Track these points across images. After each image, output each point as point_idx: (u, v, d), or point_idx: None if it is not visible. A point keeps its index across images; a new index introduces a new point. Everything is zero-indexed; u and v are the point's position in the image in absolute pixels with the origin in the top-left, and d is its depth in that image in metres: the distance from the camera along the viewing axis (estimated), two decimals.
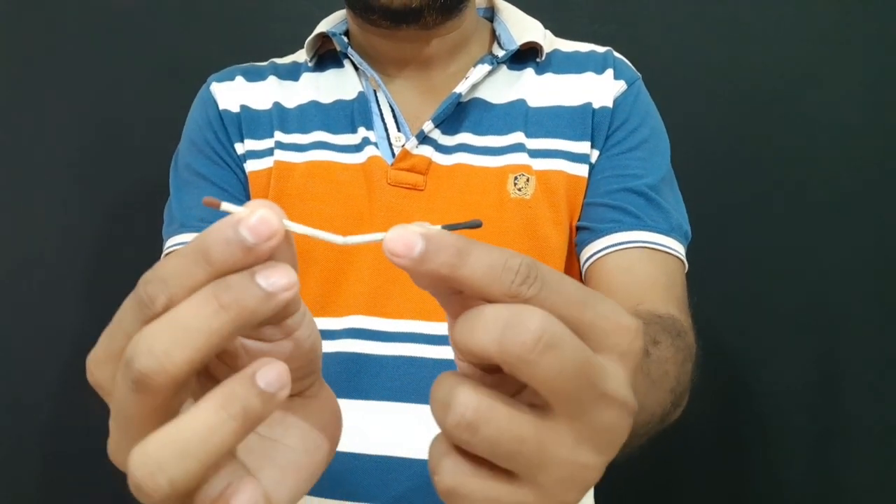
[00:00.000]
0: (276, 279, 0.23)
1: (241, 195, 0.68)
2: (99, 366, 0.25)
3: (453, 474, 0.25)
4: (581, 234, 0.65)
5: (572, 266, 0.67)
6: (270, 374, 0.24)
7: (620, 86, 0.68)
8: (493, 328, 0.23)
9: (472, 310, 0.24)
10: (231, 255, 0.23)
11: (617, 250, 0.62)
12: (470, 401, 0.23)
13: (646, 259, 0.62)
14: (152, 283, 0.23)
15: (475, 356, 0.24)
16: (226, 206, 0.24)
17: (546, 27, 0.73)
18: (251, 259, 0.23)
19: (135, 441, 0.23)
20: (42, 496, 1.01)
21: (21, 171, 1.01)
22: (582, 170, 0.65)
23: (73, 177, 1.01)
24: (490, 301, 0.24)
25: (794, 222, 0.98)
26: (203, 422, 0.23)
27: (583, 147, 0.66)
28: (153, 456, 0.23)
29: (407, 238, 0.23)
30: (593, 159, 0.66)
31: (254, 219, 0.23)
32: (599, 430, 0.24)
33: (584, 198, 0.66)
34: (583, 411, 0.24)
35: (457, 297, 0.25)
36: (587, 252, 0.64)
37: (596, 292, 0.25)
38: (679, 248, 0.64)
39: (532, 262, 0.24)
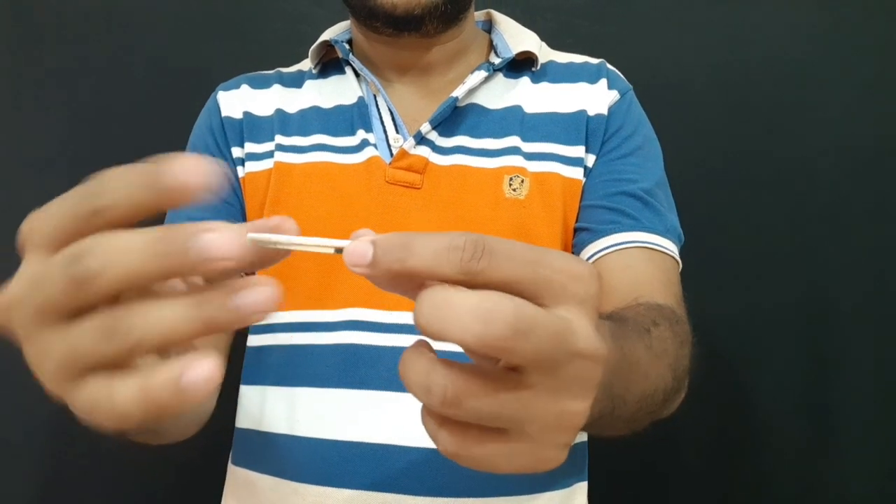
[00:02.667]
0: (222, 242, 0.25)
1: (232, 199, 0.71)
2: (37, 225, 0.27)
3: (451, 443, 0.27)
4: (580, 234, 0.68)
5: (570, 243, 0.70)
6: (251, 296, 0.25)
7: (614, 95, 0.71)
8: (468, 322, 0.24)
9: (435, 296, 0.25)
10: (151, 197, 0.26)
11: (616, 250, 0.64)
12: (447, 381, 0.25)
13: (644, 258, 0.65)
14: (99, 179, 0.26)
15: (450, 342, 0.25)
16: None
17: (546, 28, 0.75)
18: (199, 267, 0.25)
19: (37, 312, 0.26)
20: (41, 496, 1.01)
21: (21, 173, 1.00)
22: (577, 173, 0.68)
23: (73, 178, 1.02)
24: (447, 282, 0.25)
25: (791, 224, 0.99)
26: (175, 310, 0.25)
27: (577, 151, 0.68)
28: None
29: (359, 247, 0.26)
30: (589, 163, 0.69)
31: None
32: (573, 380, 0.26)
33: (581, 200, 0.68)
34: (557, 370, 0.26)
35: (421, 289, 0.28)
36: (587, 252, 0.66)
37: (546, 249, 0.26)
38: (674, 249, 0.67)
39: (477, 236, 0.25)
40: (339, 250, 0.27)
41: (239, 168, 0.71)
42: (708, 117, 1.00)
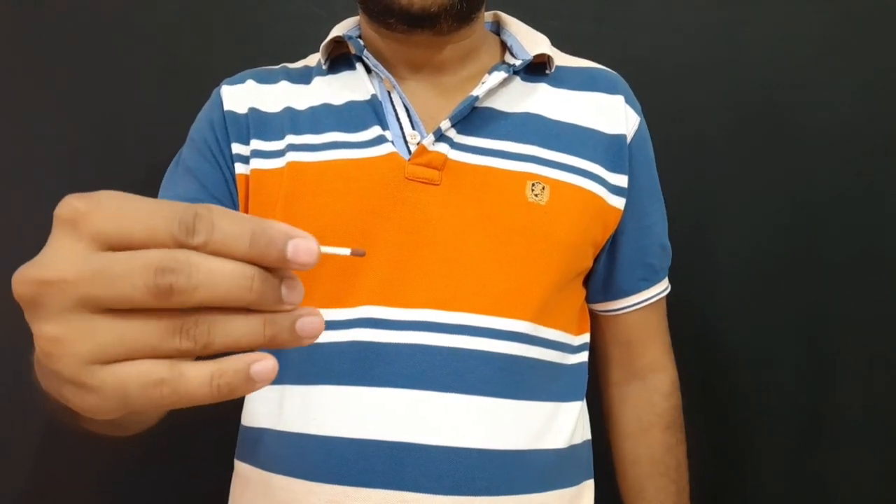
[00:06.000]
0: (296, 296, 0.28)
1: (222, 194, 0.70)
2: (94, 217, 0.26)
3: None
4: (610, 284, 0.75)
5: (585, 268, 0.72)
6: (312, 323, 0.29)
7: (635, 120, 0.73)
8: None
9: None
10: (268, 254, 0.27)
11: (640, 308, 0.77)
12: None
13: (654, 309, 0.78)
14: (203, 220, 0.26)
15: None
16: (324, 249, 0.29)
17: (549, 27, 0.75)
18: (281, 265, 0.27)
19: (89, 299, 0.26)
20: (44, 493, 1.00)
21: (21, 173, 0.99)
22: (596, 187, 0.69)
23: (73, 177, 0.98)
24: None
25: (791, 224, 1.00)
26: (246, 326, 0.28)
27: (596, 168, 0.69)
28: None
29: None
30: (611, 181, 0.70)
31: (303, 243, 0.27)
32: None
33: (618, 235, 0.73)
34: None
35: None
36: (616, 304, 0.77)
37: None
38: (667, 282, 0.79)
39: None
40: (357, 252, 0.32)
41: (239, 164, 0.70)
42: (708, 117, 1.00)
